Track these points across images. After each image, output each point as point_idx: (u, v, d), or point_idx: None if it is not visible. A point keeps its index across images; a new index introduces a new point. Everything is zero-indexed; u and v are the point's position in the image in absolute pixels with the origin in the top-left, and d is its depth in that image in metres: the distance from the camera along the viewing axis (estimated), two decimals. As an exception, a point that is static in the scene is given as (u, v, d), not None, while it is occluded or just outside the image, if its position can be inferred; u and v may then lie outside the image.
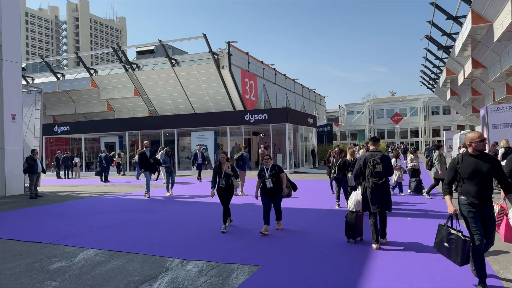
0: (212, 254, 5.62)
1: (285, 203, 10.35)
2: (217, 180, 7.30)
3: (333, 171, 9.95)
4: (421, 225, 7.43)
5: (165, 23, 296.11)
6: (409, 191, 12.07)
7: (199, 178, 17.80)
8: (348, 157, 10.60)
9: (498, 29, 17.23)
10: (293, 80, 42.78)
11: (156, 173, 19.78)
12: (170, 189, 12.79)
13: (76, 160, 23.81)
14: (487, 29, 19.31)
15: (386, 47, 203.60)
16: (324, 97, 57.45)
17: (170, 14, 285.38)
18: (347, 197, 9.73)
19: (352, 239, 6.14)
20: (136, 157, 19.18)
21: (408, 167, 12.46)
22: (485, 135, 13.57)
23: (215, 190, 7.30)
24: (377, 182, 5.69)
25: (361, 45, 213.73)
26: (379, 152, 6.01)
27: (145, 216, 9.02)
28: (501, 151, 11.85)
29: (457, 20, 22.36)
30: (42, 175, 13.94)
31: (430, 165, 11.28)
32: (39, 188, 13.78)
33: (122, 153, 24.20)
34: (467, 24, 19.84)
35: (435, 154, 11.20)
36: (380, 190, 5.74)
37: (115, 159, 22.74)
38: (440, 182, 11.12)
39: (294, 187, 7.23)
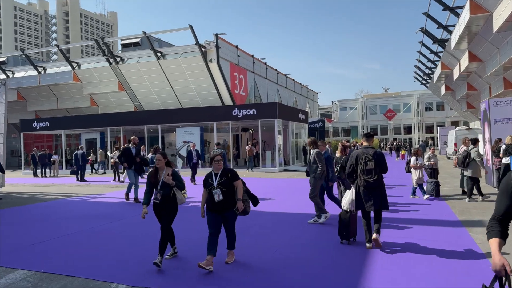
0: (168, 280, 4.53)
1: (267, 206, 9.29)
2: (154, 193, 5.24)
3: (336, 170, 9.03)
4: (421, 233, 6.42)
5: (157, 18, 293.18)
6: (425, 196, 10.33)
7: (193, 179, 15.33)
8: (338, 154, 9.98)
9: (498, 19, 16.26)
10: (285, 75, 41.72)
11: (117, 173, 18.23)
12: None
13: (55, 157, 22.54)
14: (486, 19, 18.34)
15: (379, 44, 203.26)
16: (317, 93, 56.52)
17: (162, 10, 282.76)
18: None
19: (345, 239, 5.93)
20: (148, 155, 17.87)
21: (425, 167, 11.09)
22: (487, 131, 12.60)
23: (153, 207, 5.25)
24: (369, 180, 5.48)
25: (353, 42, 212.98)
26: (372, 148, 5.80)
27: (105, 224, 7.89)
28: (502, 148, 10.92)
29: (454, 11, 21.39)
30: (15, 173, 12.68)
31: (467, 163, 9.80)
32: (3, 189, 12.58)
33: (101, 150, 22.91)
34: (465, 14, 18.85)
35: (474, 150, 9.86)
36: (373, 188, 5.53)
37: (89, 157, 21.22)
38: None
39: (254, 200, 5.26)
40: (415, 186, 10.31)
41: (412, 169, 10.26)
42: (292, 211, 9.05)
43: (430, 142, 48.62)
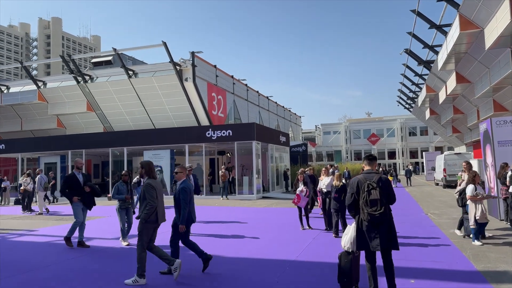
0: None
1: (232, 249, 7.24)
2: None
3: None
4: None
5: (141, 43, 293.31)
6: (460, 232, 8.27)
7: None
8: (335, 182, 8.82)
9: (492, 33, 15.11)
10: (267, 97, 40.37)
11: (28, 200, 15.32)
12: (126, 236, 8.38)
13: (5, 184, 20.06)
14: (477, 36, 17.27)
15: (361, 72, 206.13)
16: (300, 117, 55.37)
17: (147, 35, 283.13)
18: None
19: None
20: (135, 179, 15.51)
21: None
22: (489, 155, 11.03)
23: None
24: (373, 213, 4.46)
25: (335, 70, 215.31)
26: (375, 173, 4.71)
27: (13, 278, 5.77)
28: (509, 174, 9.37)
29: (441, 29, 20.41)
30: None
31: None
32: None
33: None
34: (454, 31, 17.78)
35: None
36: (379, 224, 4.49)
37: (22, 186, 16.44)
38: None
39: None
40: (474, 227, 7.49)
41: (469, 202, 7.69)
42: (269, 254, 7.07)
43: (411, 167, 47.23)
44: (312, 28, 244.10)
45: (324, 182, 9.74)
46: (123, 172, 8.81)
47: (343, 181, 9.17)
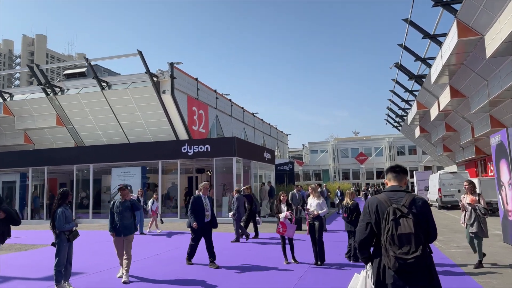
0: None
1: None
2: None
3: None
4: None
5: (126, 61, 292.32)
6: None
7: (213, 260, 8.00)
8: (346, 200, 8.02)
9: (493, 40, 13.82)
10: (252, 114, 38.82)
11: None
12: (67, 278, 6.26)
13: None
14: (475, 45, 16.03)
15: (347, 92, 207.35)
16: (287, 135, 53.91)
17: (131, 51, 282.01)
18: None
19: None
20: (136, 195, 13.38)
21: None
22: (506, 171, 9.42)
23: None
24: (405, 257, 2.66)
25: (321, 90, 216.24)
26: (406, 192, 2.93)
27: None
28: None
29: (436, 38, 19.22)
30: None
31: None
32: None
33: None
34: (451, 40, 16.52)
35: None
36: (413, 274, 2.69)
37: None
38: None
39: None
40: None
41: None
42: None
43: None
44: (299, 45, 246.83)
45: (312, 204, 7.93)
46: (61, 190, 6.57)
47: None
